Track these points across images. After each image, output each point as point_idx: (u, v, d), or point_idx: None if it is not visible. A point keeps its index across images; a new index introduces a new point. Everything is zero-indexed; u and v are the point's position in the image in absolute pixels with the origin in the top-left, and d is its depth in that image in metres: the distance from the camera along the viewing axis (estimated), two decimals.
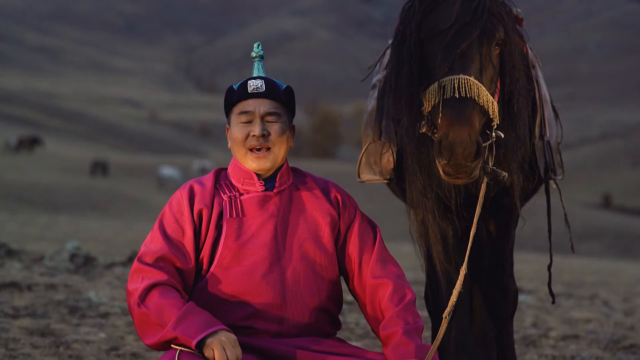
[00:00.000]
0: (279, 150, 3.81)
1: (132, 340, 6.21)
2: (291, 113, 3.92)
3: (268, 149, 3.77)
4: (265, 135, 3.76)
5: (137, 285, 3.60)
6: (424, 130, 3.87)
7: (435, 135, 3.74)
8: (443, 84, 3.69)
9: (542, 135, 4.68)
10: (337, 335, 3.98)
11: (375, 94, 4.92)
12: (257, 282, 3.69)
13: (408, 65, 3.89)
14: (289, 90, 3.90)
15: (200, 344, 3.40)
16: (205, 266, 3.74)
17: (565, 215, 5.10)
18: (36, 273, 8.64)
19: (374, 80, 5.08)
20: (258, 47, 4.01)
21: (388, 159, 4.67)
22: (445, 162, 3.62)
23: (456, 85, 3.66)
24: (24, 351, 5.63)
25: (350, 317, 7.58)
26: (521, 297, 9.00)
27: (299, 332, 3.74)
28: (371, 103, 4.99)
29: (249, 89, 3.82)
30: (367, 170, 4.86)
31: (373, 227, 3.95)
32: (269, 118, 3.80)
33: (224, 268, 3.71)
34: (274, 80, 3.89)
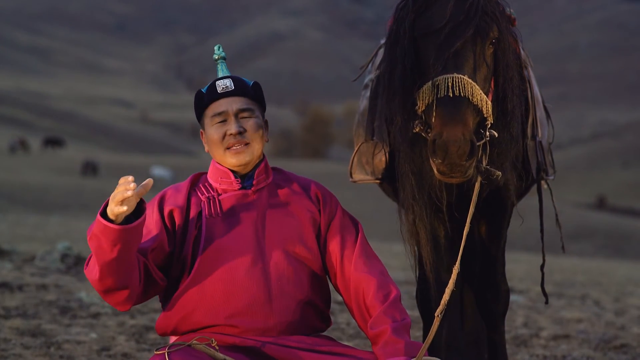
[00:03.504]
0: (257, 145, 3.82)
1: (123, 341, 6.20)
2: (262, 108, 3.93)
3: (246, 144, 3.79)
4: (241, 132, 3.78)
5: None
6: (417, 130, 3.87)
7: (429, 135, 3.74)
8: (437, 83, 3.68)
9: (534, 136, 4.68)
10: (328, 335, 3.97)
11: (368, 93, 4.92)
12: (240, 278, 3.68)
13: (402, 64, 3.89)
14: (257, 85, 3.92)
15: (105, 214, 3.39)
16: (188, 266, 3.74)
17: (557, 215, 5.11)
18: (27, 273, 8.61)
19: (366, 80, 5.08)
20: (219, 50, 4.02)
21: (380, 159, 4.67)
22: (439, 161, 3.62)
23: (450, 84, 3.66)
24: (14, 352, 5.61)
25: (342, 317, 7.57)
26: (512, 297, 9.00)
27: (287, 327, 3.73)
28: (363, 103, 4.98)
29: (219, 90, 3.83)
30: (359, 170, 4.86)
31: (355, 224, 3.95)
32: (243, 114, 3.82)
33: (206, 267, 3.70)
34: (241, 77, 3.91)
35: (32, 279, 8.27)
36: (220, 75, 3.95)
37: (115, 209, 3.33)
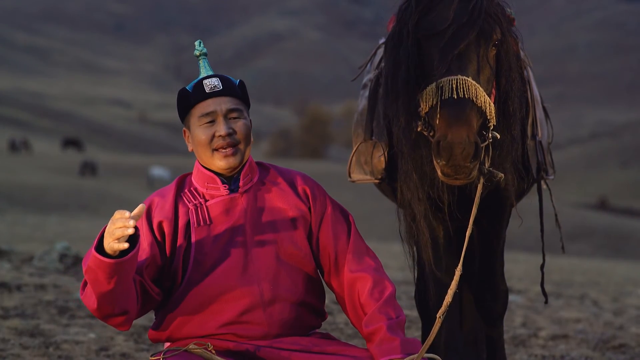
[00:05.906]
0: (246, 147, 3.76)
1: (121, 341, 6.19)
2: (248, 107, 3.86)
3: (235, 146, 3.73)
4: (231, 134, 3.71)
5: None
6: (419, 129, 3.86)
7: (432, 135, 3.74)
8: (441, 85, 3.68)
9: (534, 135, 4.68)
10: (325, 332, 3.96)
11: (366, 93, 4.91)
12: (232, 286, 3.65)
13: (405, 66, 3.88)
14: (242, 84, 3.84)
15: (101, 249, 3.34)
16: (179, 277, 3.70)
17: (556, 215, 5.11)
18: (25, 273, 8.60)
19: (365, 79, 5.07)
20: (200, 45, 3.91)
21: (379, 159, 4.66)
22: (444, 162, 3.62)
23: (454, 85, 3.65)
24: (13, 352, 5.61)
25: (340, 317, 7.56)
26: (511, 297, 9.00)
27: (282, 330, 3.71)
28: (362, 103, 4.97)
29: (207, 89, 3.74)
30: (357, 169, 4.85)
31: (346, 217, 3.90)
32: (232, 115, 3.74)
33: (198, 277, 3.67)
34: (227, 76, 3.83)
35: (30, 279, 8.26)
36: (204, 72, 3.85)
37: (115, 245, 3.28)
